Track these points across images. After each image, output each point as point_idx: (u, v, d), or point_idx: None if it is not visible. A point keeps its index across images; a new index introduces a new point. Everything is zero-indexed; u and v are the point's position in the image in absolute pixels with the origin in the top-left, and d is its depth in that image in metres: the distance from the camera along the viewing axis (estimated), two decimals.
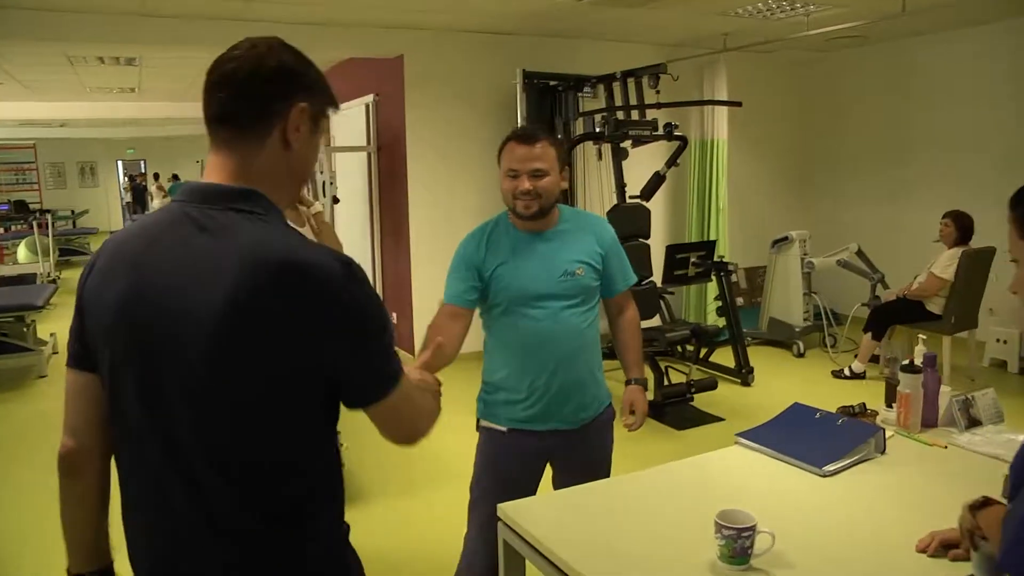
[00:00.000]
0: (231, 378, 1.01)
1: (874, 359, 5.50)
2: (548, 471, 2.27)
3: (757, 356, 5.72)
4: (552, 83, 5.68)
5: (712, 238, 6.30)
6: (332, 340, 1.03)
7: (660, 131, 5.07)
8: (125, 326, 1.07)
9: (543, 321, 2.11)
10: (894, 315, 5.39)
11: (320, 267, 1.03)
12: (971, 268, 5.13)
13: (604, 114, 5.24)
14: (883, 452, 1.98)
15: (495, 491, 2.02)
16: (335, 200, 6.04)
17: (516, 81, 5.46)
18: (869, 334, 5.39)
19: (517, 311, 2.12)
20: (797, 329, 6.16)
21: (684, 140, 5.22)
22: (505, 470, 2.17)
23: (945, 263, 5.12)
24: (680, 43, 6.52)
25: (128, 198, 19.30)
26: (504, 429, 2.16)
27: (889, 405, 2.30)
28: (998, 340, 5.67)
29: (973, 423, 2.19)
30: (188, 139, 14.71)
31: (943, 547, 1.46)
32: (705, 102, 5.36)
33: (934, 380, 2.22)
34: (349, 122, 6.81)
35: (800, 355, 6.11)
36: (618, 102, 5.38)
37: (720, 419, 4.65)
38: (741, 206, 7.02)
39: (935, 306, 5.20)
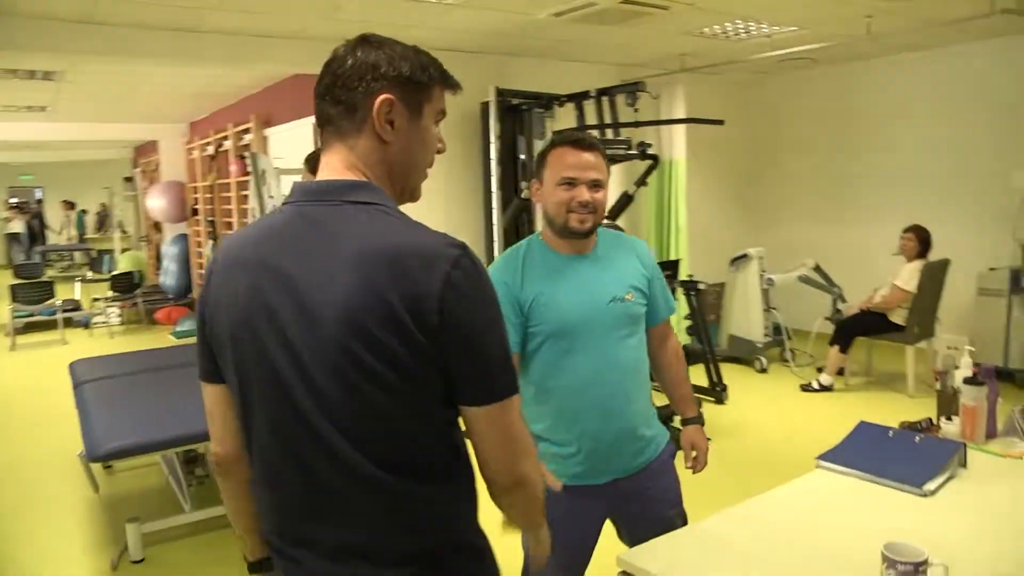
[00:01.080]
0: (360, 365, 1.00)
1: (839, 372, 5.59)
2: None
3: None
4: (515, 101, 5.57)
5: (673, 257, 6.32)
6: (449, 328, 1.01)
7: (634, 150, 5.03)
8: (249, 323, 1.08)
9: (590, 356, 1.83)
10: (859, 328, 5.50)
11: (435, 254, 1.01)
12: (930, 279, 5.30)
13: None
14: (964, 466, 1.94)
15: (558, 562, 1.64)
16: None
17: (489, 99, 5.34)
18: (836, 347, 5.48)
19: (558, 346, 1.83)
20: (759, 345, 6.22)
21: (656, 159, 5.21)
22: (566, 537, 1.67)
23: (908, 275, 5.27)
24: (639, 63, 6.56)
25: (17, 228, 16.67)
26: (559, 487, 1.67)
27: (948, 418, 2.25)
28: (949, 348, 5.85)
29: None
30: (96, 164, 13.91)
31: None
32: (687, 120, 5.39)
33: (994, 392, 2.19)
34: (294, 142, 6.51)
35: (763, 370, 6.17)
36: (590, 120, 5.32)
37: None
38: (694, 225, 7.08)
39: (898, 317, 5.34)
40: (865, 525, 1.66)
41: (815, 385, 5.53)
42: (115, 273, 9.77)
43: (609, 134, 5.17)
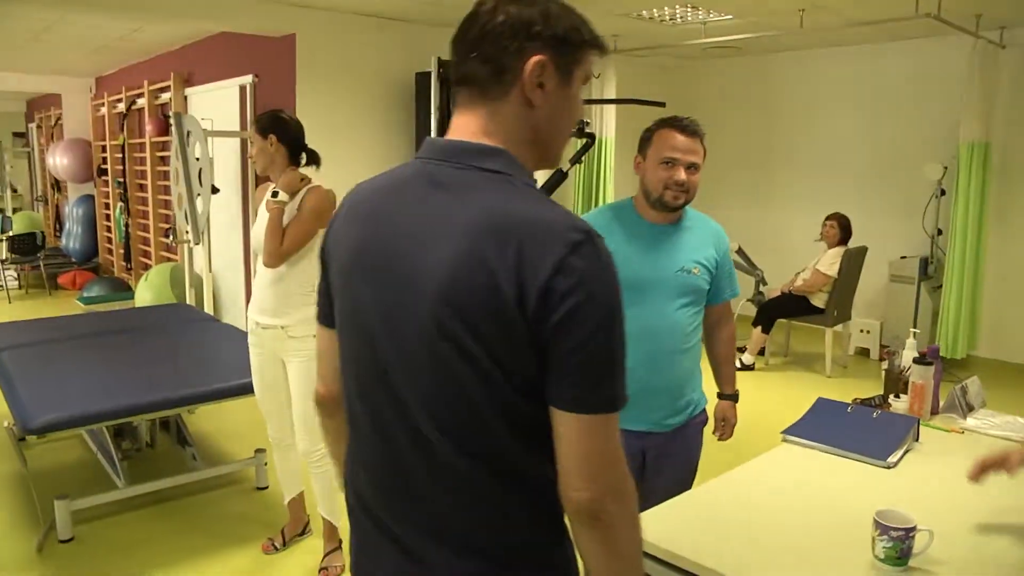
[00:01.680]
0: (451, 336, 0.95)
1: (760, 352, 5.83)
2: None
3: None
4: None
5: None
6: (553, 317, 0.91)
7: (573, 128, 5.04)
8: (355, 278, 1.07)
9: (650, 312, 2.03)
10: (781, 310, 5.74)
11: (554, 234, 0.92)
12: (850, 265, 5.57)
13: None
14: (917, 440, 2.06)
15: None
16: (214, 190, 5.49)
17: (428, 69, 5.23)
18: (759, 328, 5.70)
19: (625, 296, 2.00)
20: None
21: (592, 137, 5.24)
22: None
23: (830, 260, 5.52)
24: None
25: None
26: None
27: (897, 395, 2.38)
28: (862, 331, 6.20)
29: (969, 408, 2.32)
30: None
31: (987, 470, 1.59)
32: (629, 100, 5.42)
33: (939, 371, 2.33)
34: (219, 103, 6.23)
35: None
36: None
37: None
38: None
39: (819, 300, 5.59)
40: (837, 495, 1.75)
41: (738, 364, 5.74)
42: (12, 234, 9.14)
43: None
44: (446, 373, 0.96)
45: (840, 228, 5.59)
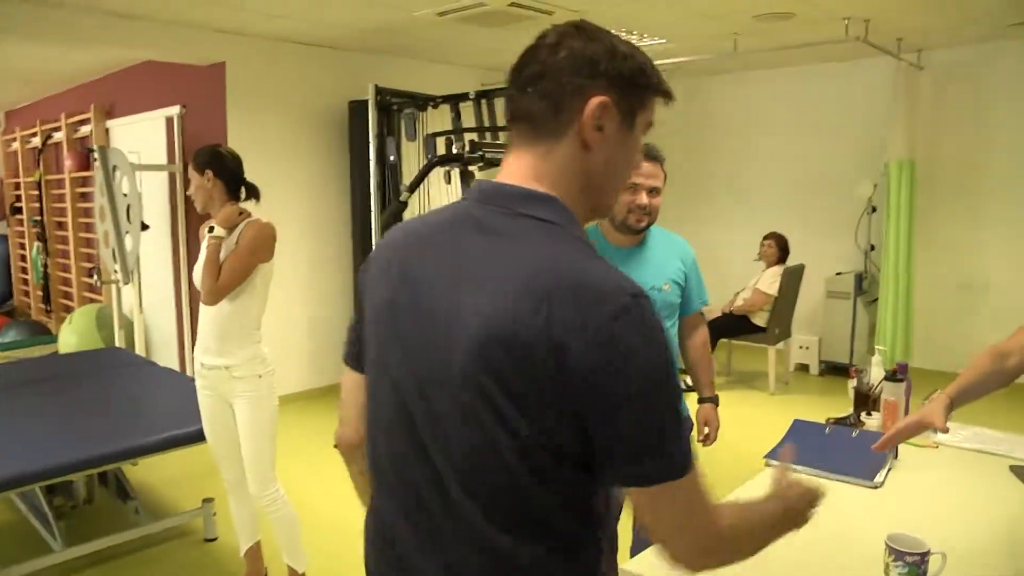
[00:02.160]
0: (482, 399, 0.88)
1: None
2: None
3: None
4: (393, 100, 5.42)
5: None
6: (588, 386, 0.84)
7: None
8: (387, 324, 1.03)
9: None
10: (723, 329, 5.80)
11: (600, 294, 0.85)
12: (789, 283, 5.70)
13: (458, 135, 5.08)
14: (896, 457, 2.06)
15: None
16: (144, 227, 5.24)
17: (366, 97, 5.15)
18: None
19: None
20: None
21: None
22: None
23: (770, 280, 5.63)
24: (503, 67, 6.56)
25: None
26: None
27: (868, 413, 2.39)
28: (801, 347, 6.33)
29: None
30: None
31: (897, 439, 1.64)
32: None
33: (910, 387, 2.36)
34: (145, 136, 5.97)
35: None
36: (467, 123, 5.25)
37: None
38: None
39: (760, 319, 5.69)
40: (832, 518, 1.71)
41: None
42: None
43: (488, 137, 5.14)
44: (481, 438, 0.90)
45: (778, 247, 5.72)
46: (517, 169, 0.98)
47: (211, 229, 2.59)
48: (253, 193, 2.73)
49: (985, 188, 5.94)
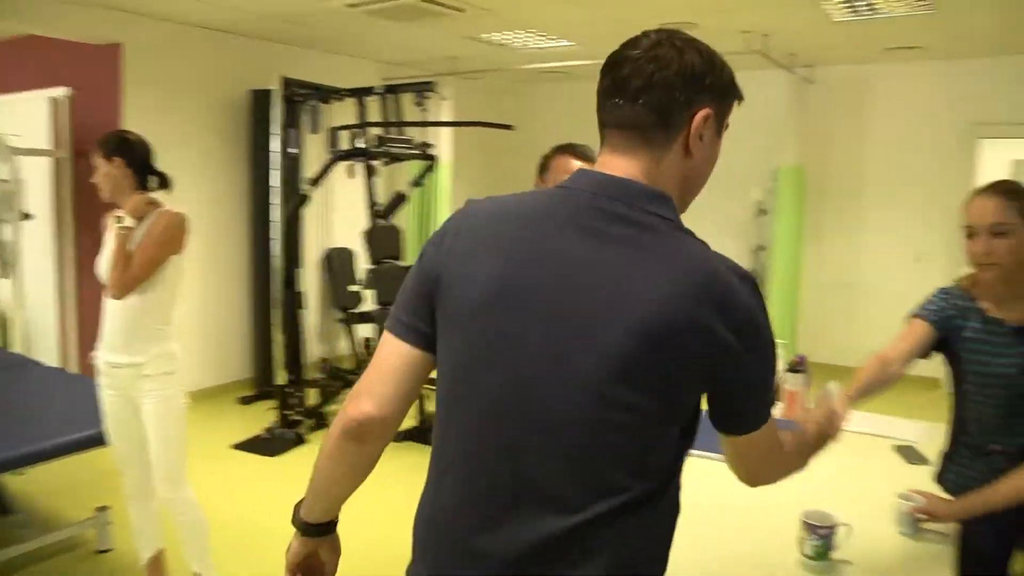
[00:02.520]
0: (621, 388, 0.96)
1: None
2: None
3: None
4: (299, 92, 5.29)
5: None
6: (749, 349, 0.99)
7: (417, 150, 5.03)
8: (501, 310, 1.00)
9: None
10: None
11: (738, 277, 1.00)
12: None
13: (363, 129, 5.00)
14: None
15: None
16: (26, 216, 4.91)
17: (271, 87, 5.01)
18: None
19: None
20: None
21: (434, 159, 5.24)
22: None
23: None
24: (406, 63, 6.54)
25: None
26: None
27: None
28: None
29: None
30: None
31: None
32: (475, 123, 5.39)
33: (808, 379, 2.52)
34: (24, 118, 5.56)
35: None
36: (372, 117, 5.19)
37: None
38: None
39: None
40: (743, 501, 1.79)
41: None
42: None
43: (393, 132, 5.11)
44: (611, 414, 0.97)
45: None
46: (627, 169, 1.03)
47: (119, 219, 2.47)
48: (164, 182, 2.63)
49: (865, 195, 6.41)
